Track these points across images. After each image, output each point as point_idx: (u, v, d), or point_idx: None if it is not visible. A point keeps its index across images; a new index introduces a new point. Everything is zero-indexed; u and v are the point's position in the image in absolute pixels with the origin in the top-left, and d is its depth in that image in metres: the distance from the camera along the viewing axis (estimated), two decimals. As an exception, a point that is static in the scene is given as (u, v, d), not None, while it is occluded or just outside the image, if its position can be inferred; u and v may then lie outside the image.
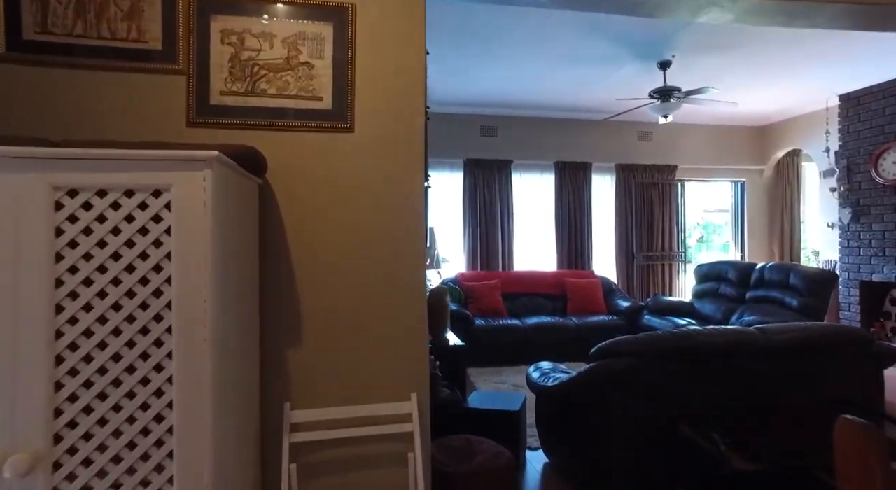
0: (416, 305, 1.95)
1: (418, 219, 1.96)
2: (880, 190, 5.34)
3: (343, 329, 1.89)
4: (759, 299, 4.82)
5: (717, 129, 7.28)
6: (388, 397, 1.88)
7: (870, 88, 5.45)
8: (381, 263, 1.93)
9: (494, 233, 6.49)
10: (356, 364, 1.88)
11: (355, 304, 1.90)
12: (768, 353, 2.35)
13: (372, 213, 1.93)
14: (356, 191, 1.93)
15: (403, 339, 1.92)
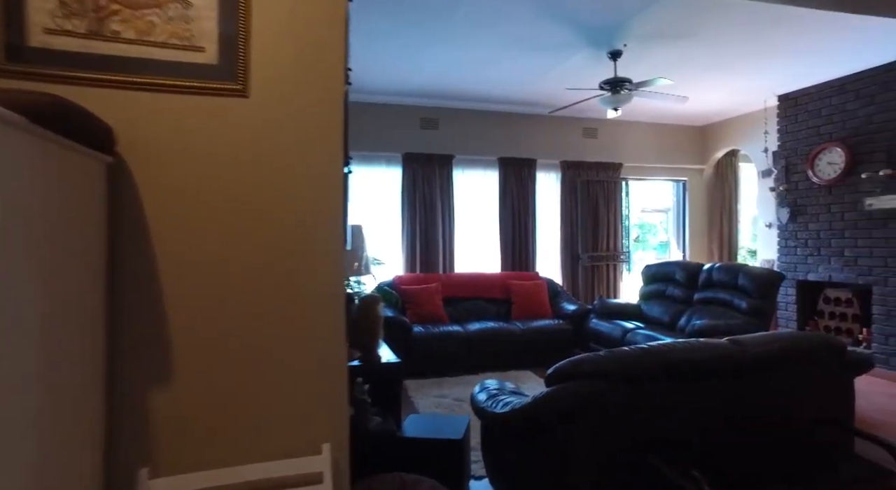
0: (331, 324, 1.49)
1: (335, 214, 1.51)
2: (816, 190, 5.36)
3: (230, 359, 1.40)
4: (708, 301, 4.68)
5: (660, 127, 7.20)
6: (292, 451, 1.41)
7: (806, 89, 5.47)
8: (284, 271, 1.46)
9: (435, 233, 6.08)
10: (246, 407, 1.40)
11: (248, 325, 1.42)
12: (745, 368, 2.06)
13: (273, 205, 1.46)
14: (252, 176, 1.45)
15: (315, 371, 1.46)
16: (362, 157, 6.01)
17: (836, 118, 5.19)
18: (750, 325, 4.16)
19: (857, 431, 2.19)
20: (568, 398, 1.93)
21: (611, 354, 2.01)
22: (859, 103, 4.98)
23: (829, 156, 5.21)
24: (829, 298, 5.36)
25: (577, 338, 5.31)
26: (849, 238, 5.05)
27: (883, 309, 4.80)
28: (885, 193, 4.74)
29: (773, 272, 4.33)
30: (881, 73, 4.81)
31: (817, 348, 2.25)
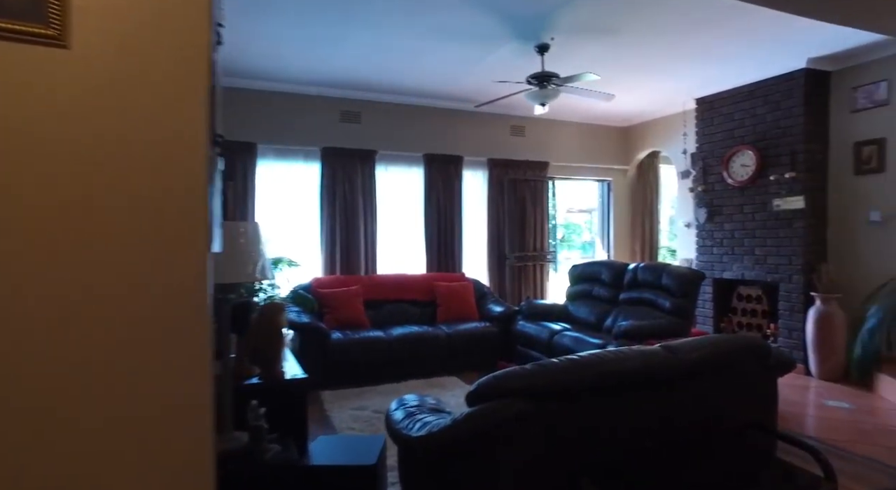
0: (188, 350, 1.15)
1: (195, 205, 1.17)
2: (731, 191, 5.53)
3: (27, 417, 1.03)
4: (633, 301, 4.67)
5: (586, 127, 7.24)
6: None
7: (721, 93, 5.63)
8: (121, 280, 1.10)
9: (356, 232, 5.73)
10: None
11: (60, 361, 1.06)
12: (680, 376, 1.92)
13: (106, 193, 1.10)
14: (75, 153, 1.09)
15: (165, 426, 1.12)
16: (277, 151, 5.56)
17: (747, 122, 5.37)
18: (674, 324, 4.16)
19: (782, 436, 2.12)
20: (492, 419, 1.69)
21: (538, 368, 1.80)
22: (767, 108, 5.18)
23: (741, 158, 5.39)
24: (742, 295, 5.55)
25: (505, 340, 5.16)
26: (759, 237, 5.24)
27: (787, 305, 5.01)
28: (789, 195, 4.94)
29: (695, 271, 4.38)
30: (784, 80, 5.01)
31: (746, 351, 2.16)
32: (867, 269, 4.68)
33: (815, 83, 4.92)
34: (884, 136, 4.61)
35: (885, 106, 4.61)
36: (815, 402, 4.17)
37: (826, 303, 4.65)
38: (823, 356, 4.66)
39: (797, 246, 4.90)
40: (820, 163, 4.97)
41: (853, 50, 4.63)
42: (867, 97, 4.74)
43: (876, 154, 4.66)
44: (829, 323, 4.62)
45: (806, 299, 4.83)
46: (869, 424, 3.67)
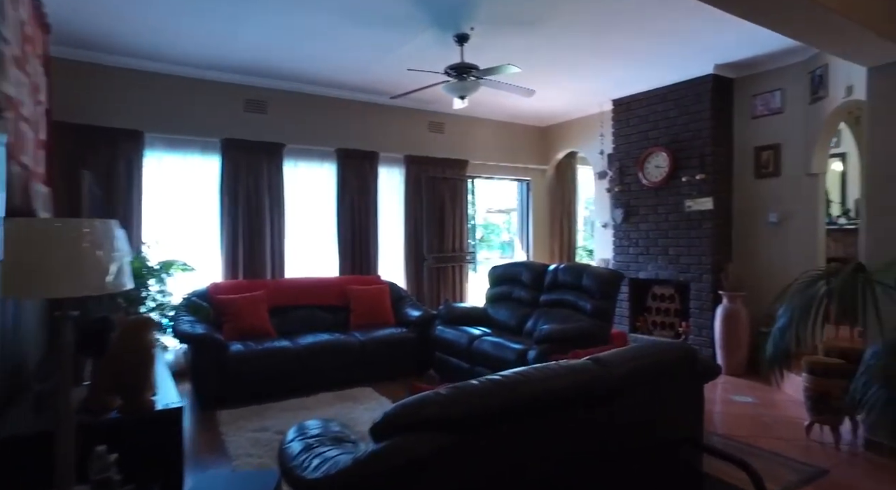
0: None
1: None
2: (646, 191, 5.62)
3: None
4: (554, 303, 4.57)
5: (505, 126, 7.15)
6: None
7: (637, 95, 5.72)
8: None
9: (261, 233, 5.24)
10: None
11: None
12: (613, 391, 1.74)
13: None
14: None
15: None
16: (169, 141, 4.95)
17: (661, 124, 5.47)
18: (595, 326, 4.09)
19: (713, 451, 2.01)
20: (401, 458, 1.41)
21: (456, 392, 1.54)
22: (678, 111, 5.30)
23: (656, 159, 5.48)
24: (656, 295, 5.66)
25: (423, 346, 4.90)
26: (672, 237, 5.36)
27: (698, 303, 5.15)
28: (699, 196, 5.08)
29: (615, 272, 4.35)
30: (694, 85, 5.15)
31: (676, 359, 2.04)
32: (767, 267, 4.89)
33: (721, 89, 5.10)
34: (779, 142, 4.84)
35: (780, 114, 4.85)
36: (722, 398, 4.27)
37: (732, 301, 4.81)
38: (729, 352, 4.81)
39: (706, 246, 5.05)
40: (725, 166, 5.15)
41: (752, 59, 4.82)
42: (765, 105, 4.96)
43: (773, 159, 4.89)
44: (735, 320, 4.78)
45: (714, 298, 4.98)
46: (770, 418, 3.80)
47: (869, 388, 2.62)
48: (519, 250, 7.54)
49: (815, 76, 4.48)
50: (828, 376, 3.25)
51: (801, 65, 4.67)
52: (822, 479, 2.90)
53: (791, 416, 3.76)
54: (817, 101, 4.47)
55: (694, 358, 2.12)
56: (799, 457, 3.14)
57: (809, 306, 2.80)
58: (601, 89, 5.76)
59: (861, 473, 2.97)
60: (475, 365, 4.28)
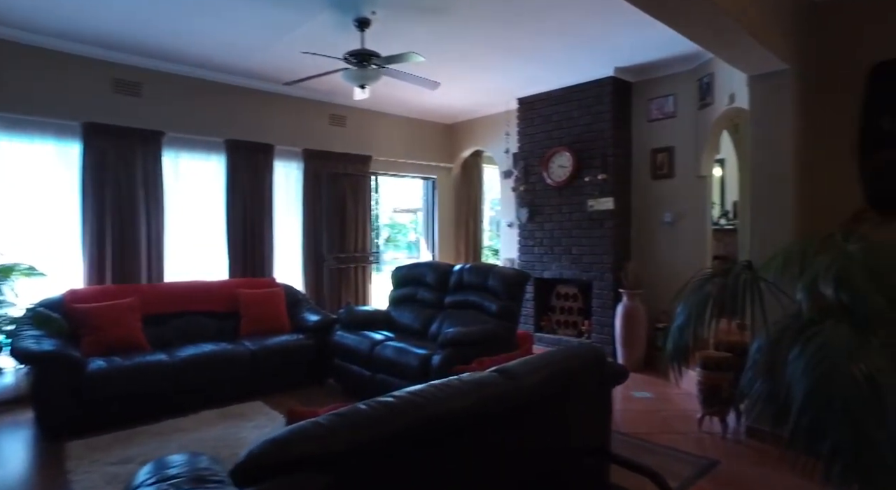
0: None
1: None
2: (550, 191, 5.66)
3: None
4: (459, 305, 4.42)
5: (410, 122, 6.94)
6: None
7: (541, 95, 5.74)
8: None
9: (135, 232, 4.61)
10: None
11: None
12: (523, 405, 1.56)
13: None
14: None
15: None
16: (11, 122, 4.18)
17: (564, 124, 5.53)
18: (501, 328, 3.98)
19: (623, 462, 1.92)
20: (268, 512, 1.13)
21: (338, 421, 1.27)
22: (581, 112, 5.38)
23: (559, 159, 5.53)
24: (560, 294, 5.72)
25: (321, 354, 4.55)
26: (575, 237, 5.43)
27: (600, 301, 5.25)
28: (601, 196, 5.18)
29: (521, 272, 4.28)
30: (596, 86, 5.25)
31: (585, 363, 1.93)
32: (662, 265, 5.09)
33: (621, 92, 5.23)
34: (672, 144, 5.05)
35: (673, 118, 5.06)
36: (623, 394, 4.35)
37: (631, 298, 4.95)
38: (629, 348, 4.94)
39: (608, 245, 5.16)
40: (625, 166, 5.29)
41: (648, 64, 4.98)
42: (659, 109, 5.16)
43: (667, 161, 5.09)
44: (634, 317, 4.92)
45: (615, 296, 5.10)
46: (667, 412, 3.90)
47: (755, 382, 2.69)
48: (424, 250, 7.36)
49: (703, 83, 4.71)
50: (718, 370, 3.37)
51: (690, 72, 4.89)
52: (715, 469, 2.99)
53: (685, 410, 3.89)
54: (705, 107, 4.70)
55: (603, 361, 2.02)
56: (693, 450, 3.23)
57: (705, 304, 2.84)
58: (507, 87, 5.72)
59: (747, 462, 3.09)
60: (377, 372, 4.02)
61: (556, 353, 1.92)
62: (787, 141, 3.32)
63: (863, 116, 3.36)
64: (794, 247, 2.98)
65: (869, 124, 3.33)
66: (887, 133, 3.26)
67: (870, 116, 3.33)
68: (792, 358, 2.57)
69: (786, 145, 3.32)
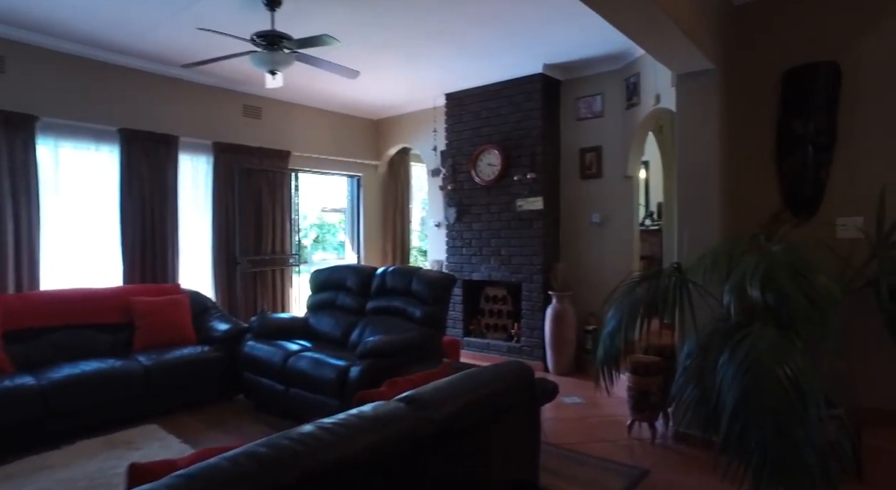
0: None
1: None
2: (479, 190, 5.47)
3: None
4: (382, 311, 4.12)
5: (333, 116, 6.55)
6: None
7: (470, 91, 5.54)
8: None
9: (1, 232, 3.95)
10: None
11: None
12: (436, 439, 1.30)
13: None
14: None
15: None
16: None
17: (493, 121, 5.36)
18: (425, 336, 3.73)
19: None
20: None
21: (189, 485, 0.96)
22: (510, 109, 5.23)
23: (488, 157, 5.35)
24: (489, 296, 5.54)
25: (231, 367, 4.11)
26: (504, 237, 5.27)
27: (529, 304, 5.12)
28: (530, 195, 5.05)
29: (447, 275, 4.04)
30: (525, 83, 5.11)
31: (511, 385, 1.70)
32: (591, 266, 5.03)
33: (550, 89, 5.12)
34: (600, 144, 5.00)
35: (601, 117, 5.01)
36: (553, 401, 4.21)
37: (560, 301, 4.84)
38: (558, 352, 4.84)
39: (537, 246, 5.03)
40: (554, 166, 5.19)
41: (576, 62, 4.91)
42: (588, 108, 5.10)
43: (595, 161, 5.04)
44: (563, 320, 4.82)
45: (545, 298, 4.98)
46: (597, 418, 3.79)
47: (686, 388, 2.60)
48: (350, 252, 6.98)
49: (630, 84, 4.68)
50: (648, 374, 3.28)
51: (617, 72, 4.85)
52: (645, 480, 2.88)
53: (615, 414, 3.79)
54: (631, 107, 4.67)
55: (531, 380, 1.81)
56: (624, 459, 3.12)
57: (636, 308, 2.73)
58: (435, 82, 5.48)
59: (677, 470, 3.00)
60: (291, 386, 3.65)
61: (479, 374, 1.68)
62: (712, 141, 3.28)
63: (779, 119, 3.39)
64: (721, 248, 2.94)
65: (784, 127, 3.36)
66: (799, 136, 3.30)
67: (784, 120, 3.37)
68: (721, 363, 2.50)
69: (711, 145, 3.29)
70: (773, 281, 2.38)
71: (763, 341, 2.31)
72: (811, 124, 3.25)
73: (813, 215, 3.25)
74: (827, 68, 3.19)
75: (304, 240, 8.02)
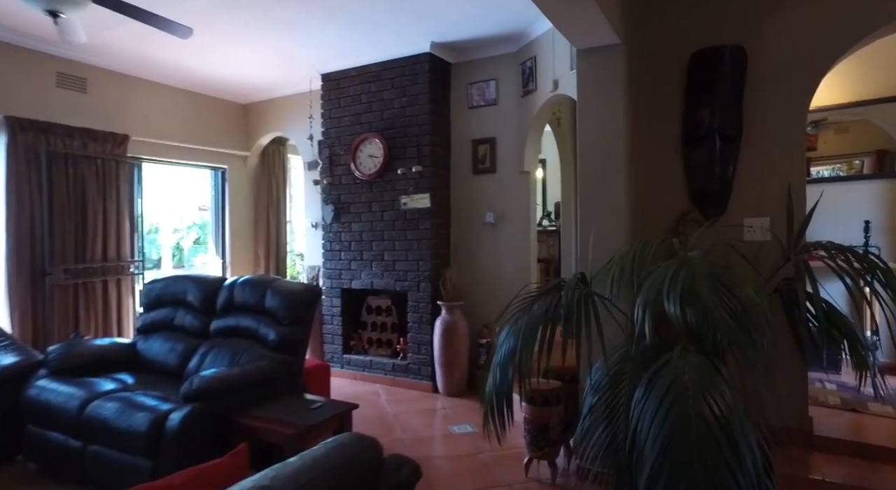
0: None
1: None
2: (359, 186, 4.76)
3: None
4: (229, 332, 3.27)
5: (190, 97, 5.51)
6: None
7: (349, 71, 4.81)
8: None
9: None
10: None
11: None
12: None
13: None
14: None
15: None
16: None
17: (375, 106, 4.68)
18: (278, 366, 2.95)
19: None
20: None
21: None
22: (394, 93, 4.58)
23: (369, 147, 4.66)
24: (372, 307, 4.84)
25: (13, 417, 3.04)
26: (388, 240, 4.60)
27: (416, 316, 4.49)
28: (416, 192, 4.43)
29: (308, 288, 3.27)
30: (411, 63, 4.49)
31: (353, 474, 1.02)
32: (485, 272, 4.51)
33: (439, 72, 4.54)
34: (494, 135, 4.50)
35: (494, 105, 4.51)
36: (441, 431, 3.62)
37: (451, 312, 4.27)
38: (448, 370, 4.26)
39: (424, 249, 4.42)
40: (444, 158, 4.61)
41: (467, 43, 4.37)
42: (481, 95, 4.58)
43: (489, 153, 4.53)
44: (454, 333, 4.25)
45: (433, 309, 4.38)
46: (489, 454, 3.17)
47: (593, 431, 2.09)
48: (214, 257, 5.96)
49: (526, 68, 4.22)
50: (546, 405, 2.77)
51: (513, 56, 4.38)
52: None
53: (511, 446, 3.23)
54: (528, 94, 4.21)
55: (377, 468, 1.14)
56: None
57: (533, 330, 2.17)
58: (310, 60, 4.69)
59: (582, 517, 2.51)
60: (90, 442, 2.71)
61: (328, 449, 0.98)
62: (618, 127, 2.85)
63: (685, 108, 3.04)
64: (630, 254, 2.50)
65: (691, 116, 3.01)
66: (705, 127, 2.96)
67: (691, 108, 3.02)
68: (637, 399, 2.00)
69: (618, 132, 2.85)
70: (694, 295, 1.93)
71: (686, 371, 1.85)
72: (717, 114, 2.91)
73: (722, 215, 2.92)
74: (734, 52, 2.86)
75: (183, 241, 6.88)
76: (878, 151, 4.38)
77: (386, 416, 3.88)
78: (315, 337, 4.99)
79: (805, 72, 2.72)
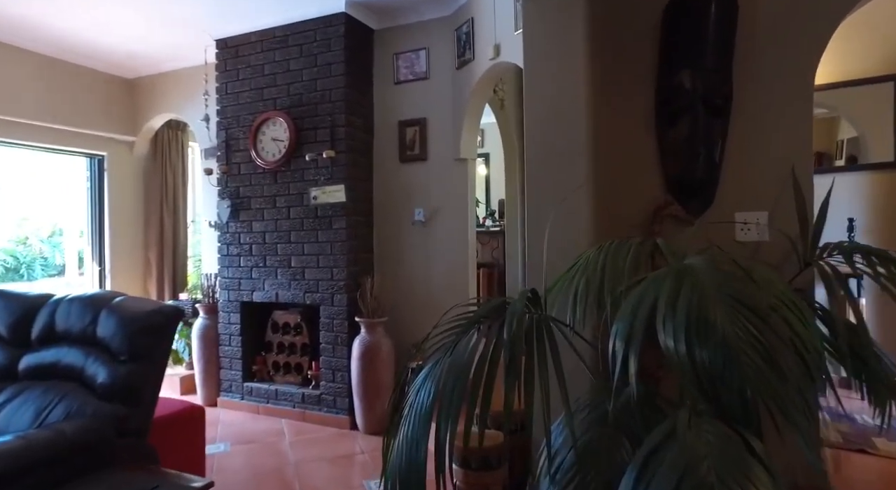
0: None
1: None
2: (261, 175, 3.89)
3: None
4: (45, 371, 2.34)
5: (55, 65, 4.46)
6: None
7: (248, 35, 3.94)
8: None
9: None
10: None
11: None
12: None
13: None
14: None
15: None
16: None
17: (280, 79, 3.83)
18: (105, 424, 2.04)
19: None
20: None
21: None
22: (303, 63, 3.75)
23: (273, 129, 3.80)
24: (279, 325, 3.97)
25: None
26: (296, 242, 3.76)
27: (330, 335, 3.67)
28: (329, 183, 3.61)
29: (163, 310, 2.36)
30: (323, 27, 3.68)
31: None
32: (415, 281, 3.75)
33: (358, 38, 3.75)
34: (425, 116, 3.75)
35: (425, 80, 3.76)
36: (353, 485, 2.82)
37: (372, 330, 3.47)
38: (369, 402, 3.46)
39: (339, 254, 3.60)
40: (364, 143, 3.82)
41: (392, 2, 3.60)
42: (409, 67, 3.82)
43: (419, 137, 3.77)
44: (376, 356, 3.45)
45: (351, 327, 3.56)
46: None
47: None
48: (88, 263, 4.90)
49: (462, 34, 3.49)
50: (486, 468, 2.02)
51: (447, 20, 3.64)
52: None
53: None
54: (464, 64, 3.48)
55: None
56: None
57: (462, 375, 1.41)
58: (201, 22, 3.81)
59: None
60: None
61: None
62: (577, 94, 2.15)
63: (660, 71, 2.38)
64: (597, 261, 1.80)
65: (668, 82, 2.35)
66: (688, 95, 2.30)
67: (668, 71, 2.36)
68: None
69: (576, 100, 2.15)
70: (705, 325, 1.24)
71: (704, 453, 1.15)
72: (701, 79, 2.26)
73: (707, 208, 2.27)
74: None
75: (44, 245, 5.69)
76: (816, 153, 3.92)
77: (286, 467, 3.03)
78: (211, 362, 4.07)
79: (813, 21, 2.11)
